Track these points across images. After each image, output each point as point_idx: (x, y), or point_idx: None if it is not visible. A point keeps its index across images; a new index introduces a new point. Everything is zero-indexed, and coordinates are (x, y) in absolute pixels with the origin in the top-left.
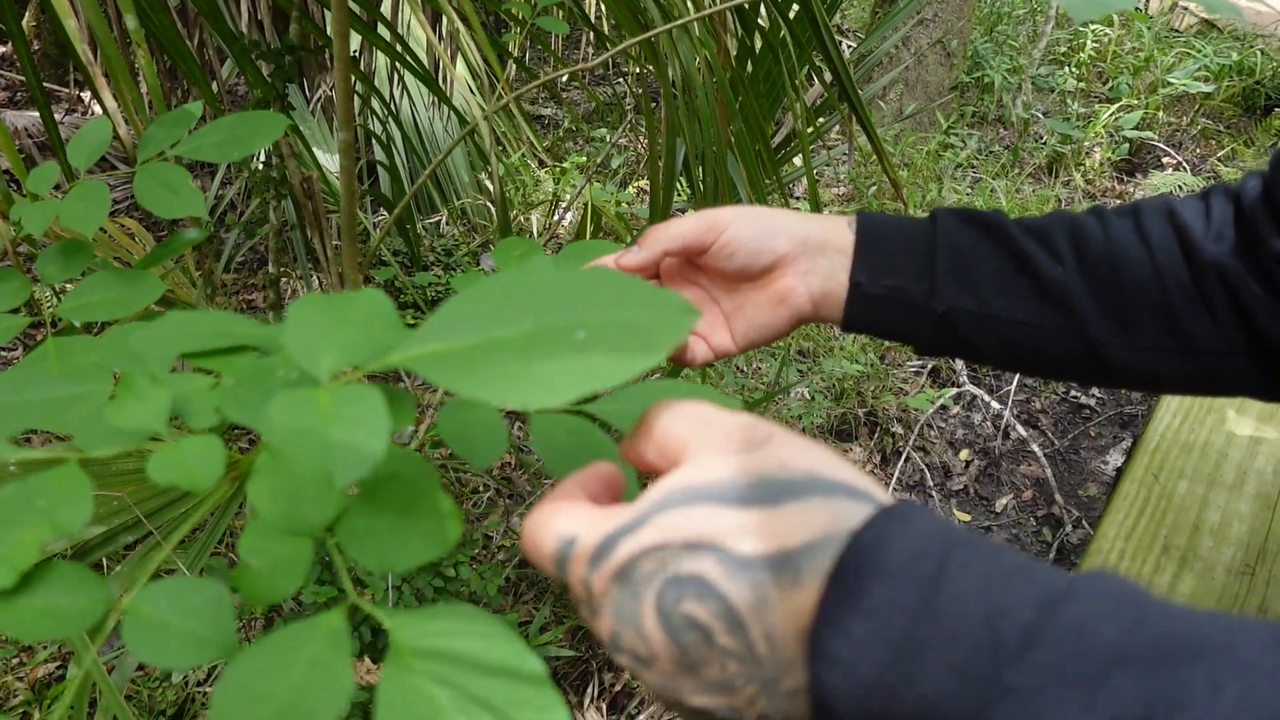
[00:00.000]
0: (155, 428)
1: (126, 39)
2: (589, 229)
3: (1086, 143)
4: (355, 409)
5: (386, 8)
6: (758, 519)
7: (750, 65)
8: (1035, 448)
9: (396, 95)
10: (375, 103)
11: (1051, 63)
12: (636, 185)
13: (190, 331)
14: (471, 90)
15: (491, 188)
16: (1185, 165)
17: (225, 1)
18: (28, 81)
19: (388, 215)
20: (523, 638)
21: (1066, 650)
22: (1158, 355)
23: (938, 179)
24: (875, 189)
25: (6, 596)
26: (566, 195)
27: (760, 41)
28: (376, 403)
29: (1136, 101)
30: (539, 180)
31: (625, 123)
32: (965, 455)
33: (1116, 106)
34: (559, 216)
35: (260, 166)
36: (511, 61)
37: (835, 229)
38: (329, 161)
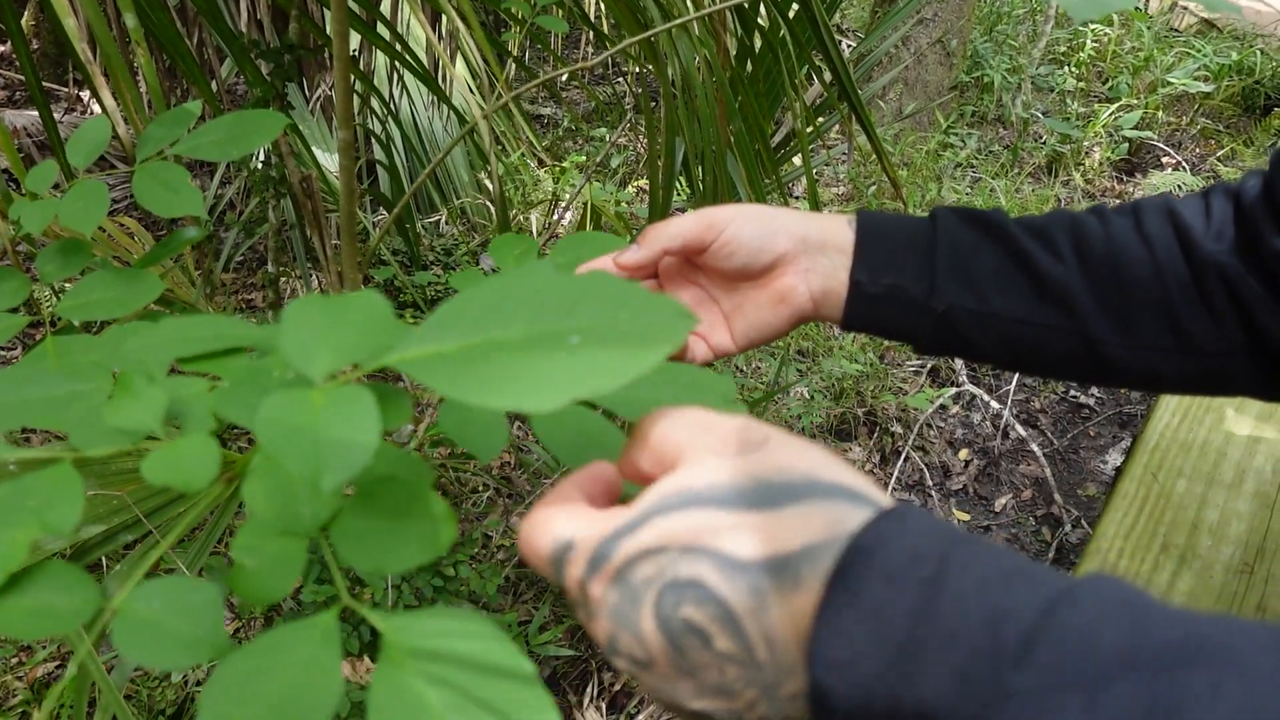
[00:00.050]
0: (152, 427)
1: (125, 38)
2: (588, 228)
3: (1086, 142)
4: (347, 409)
5: (386, 7)
6: (756, 522)
7: (750, 65)
8: (1034, 447)
9: (396, 94)
10: (375, 102)
11: (1051, 62)
12: (636, 184)
13: (185, 336)
14: (471, 89)
15: (491, 187)
16: (1185, 165)
17: (224, 0)
18: (27, 80)
19: (387, 214)
20: (521, 637)
21: (1067, 653)
22: (1158, 354)
23: (937, 178)
24: (875, 188)
25: None
26: (566, 194)
27: (760, 41)
28: (368, 403)
29: (1136, 101)
30: (538, 179)
31: (625, 122)
32: (964, 455)
33: (1116, 106)
34: (558, 216)
35: (259, 165)
36: (511, 61)
37: (835, 228)
38: (328, 160)
